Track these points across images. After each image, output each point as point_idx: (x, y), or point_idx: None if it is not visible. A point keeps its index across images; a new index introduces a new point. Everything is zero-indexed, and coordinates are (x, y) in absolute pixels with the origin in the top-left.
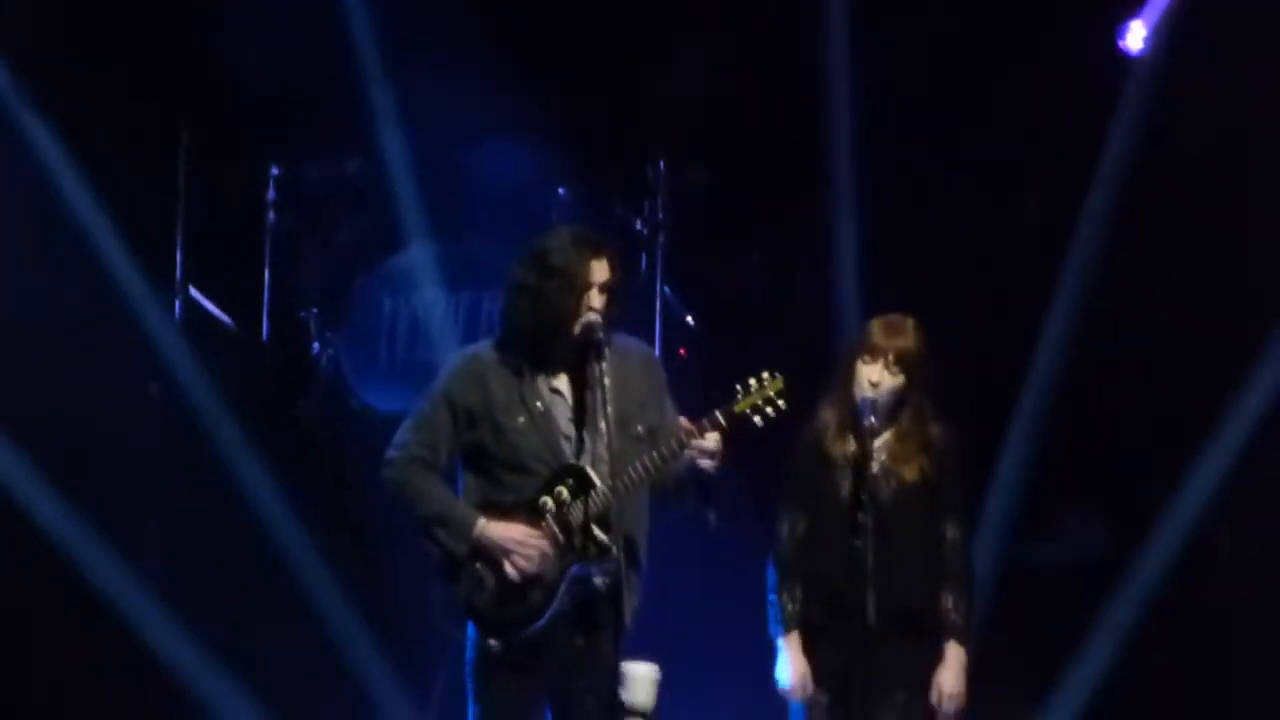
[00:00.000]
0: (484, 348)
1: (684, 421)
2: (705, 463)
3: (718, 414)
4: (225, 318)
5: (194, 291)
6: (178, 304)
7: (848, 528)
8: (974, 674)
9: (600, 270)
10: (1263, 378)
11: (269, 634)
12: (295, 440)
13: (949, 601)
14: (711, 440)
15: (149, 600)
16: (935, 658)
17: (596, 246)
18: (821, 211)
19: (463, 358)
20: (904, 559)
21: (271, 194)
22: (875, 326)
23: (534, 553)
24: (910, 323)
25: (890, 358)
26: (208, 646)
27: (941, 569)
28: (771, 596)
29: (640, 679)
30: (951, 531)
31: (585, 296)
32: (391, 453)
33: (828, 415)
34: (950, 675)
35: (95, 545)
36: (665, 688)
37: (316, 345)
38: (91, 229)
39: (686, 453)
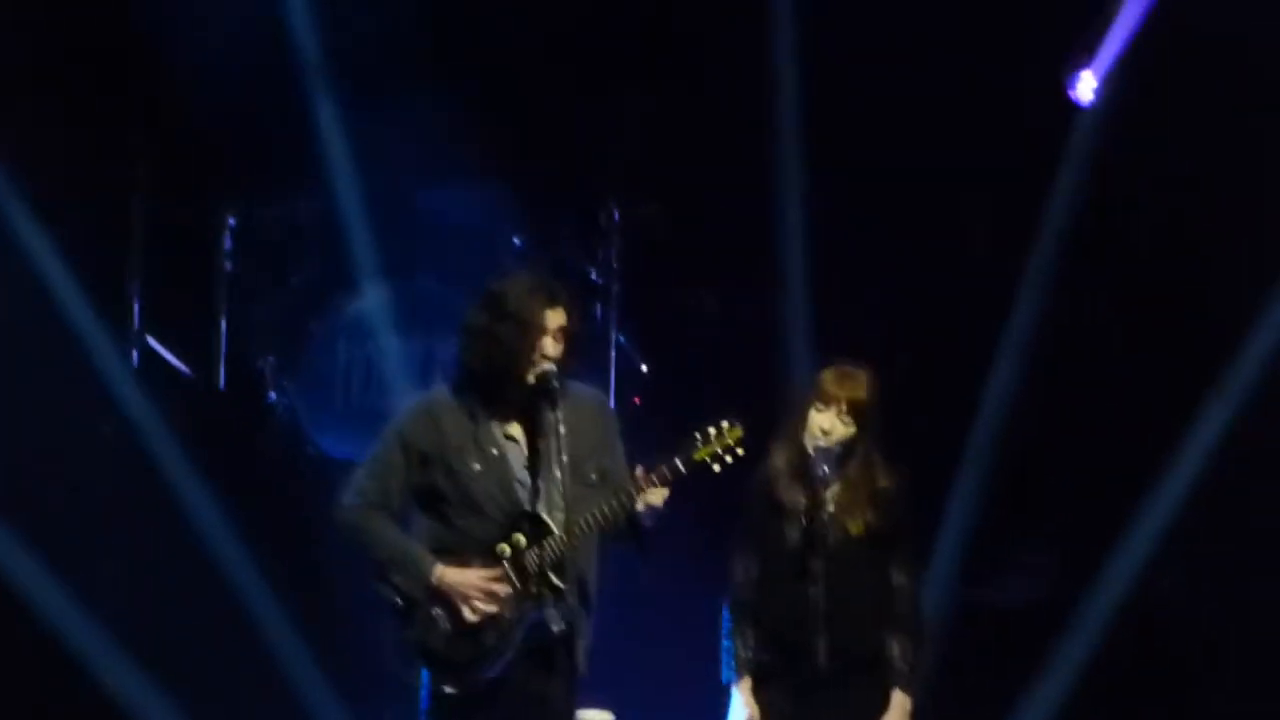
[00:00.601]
0: (439, 391)
1: (639, 472)
2: (646, 517)
3: (677, 461)
4: (182, 366)
5: (150, 340)
6: (134, 352)
7: (798, 573)
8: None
9: (556, 317)
10: (1210, 419)
11: (224, 676)
12: (252, 485)
13: (894, 648)
14: (658, 495)
15: (103, 641)
16: (881, 704)
17: (553, 293)
18: (773, 254)
19: (418, 401)
20: (853, 605)
21: (228, 242)
22: (829, 376)
23: (491, 597)
24: (864, 374)
25: (843, 407)
26: (162, 688)
27: (889, 615)
28: (725, 642)
29: None
30: (899, 578)
31: (540, 343)
32: (345, 496)
33: (779, 462)
34: None
35: (50, 586)
36: None
37: (273, 393)
38: (48, 276)
39: (637, 505)
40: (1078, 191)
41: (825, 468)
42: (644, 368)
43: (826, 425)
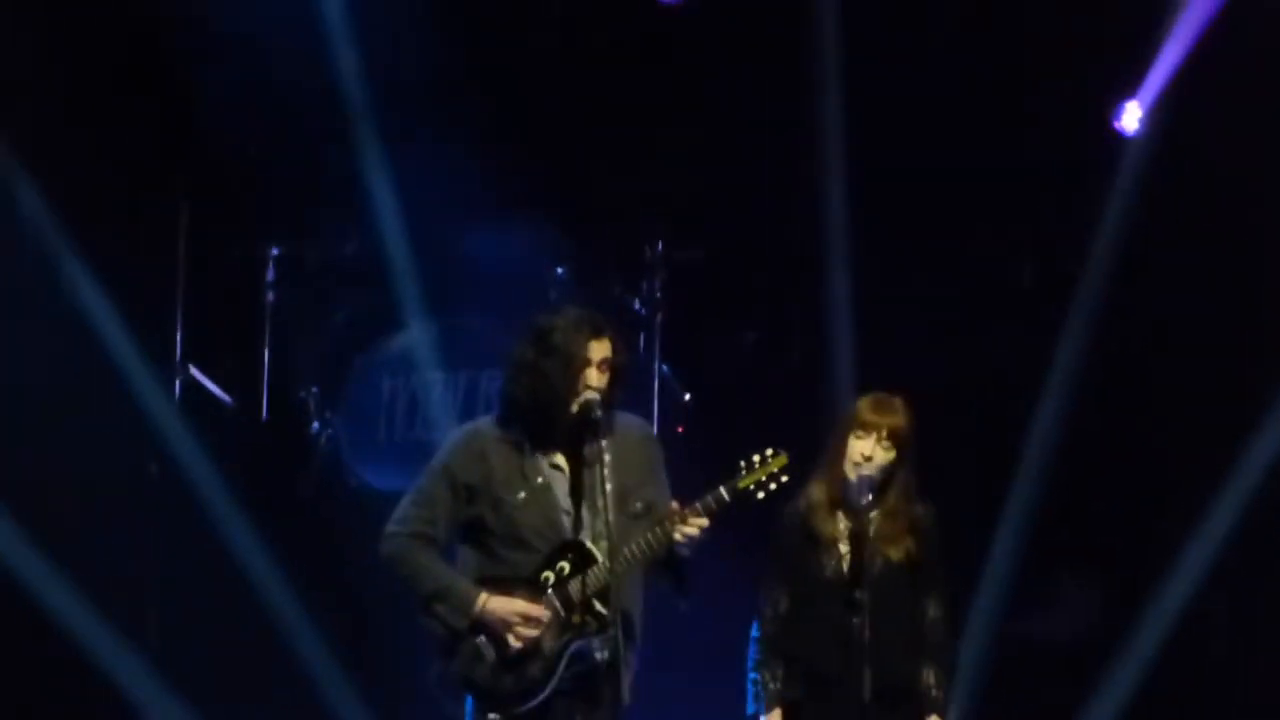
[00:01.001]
0: (484, 423)
1: (674, 505)
2: (683, 548)
3: (722, 490)
4: (225, 396)
5: (194, 370)
6: (177, 383)
7: (839, 605)
8: None
9: (600, 349)
10: (1258, 451)
11: (268, 711)
12: (294, 518)
13: (930, 677)
14: (696, 526)
15: (148, 677)
16: None
17: (597, 327)
18: (816, 289)
19: (463, 433)
20: (894, 635)
21: (271, 274)
22: (866, 404)
23: (535, 627)
24: (899, 401)
25: (883, 433)
26: None
27: (923, 646)
28: (753, 674)
29: None
30: (934, 609)
31: (584, 375)
32: (392, 527)
33: (816, 493)
34: None
35: (95, 623)
36: None
37: (316, 424)
38: (91, 308)
39: (675, 536)
40: (1124, 222)
41: (868, 496)
42: (687, 398)
43: (868, 451)
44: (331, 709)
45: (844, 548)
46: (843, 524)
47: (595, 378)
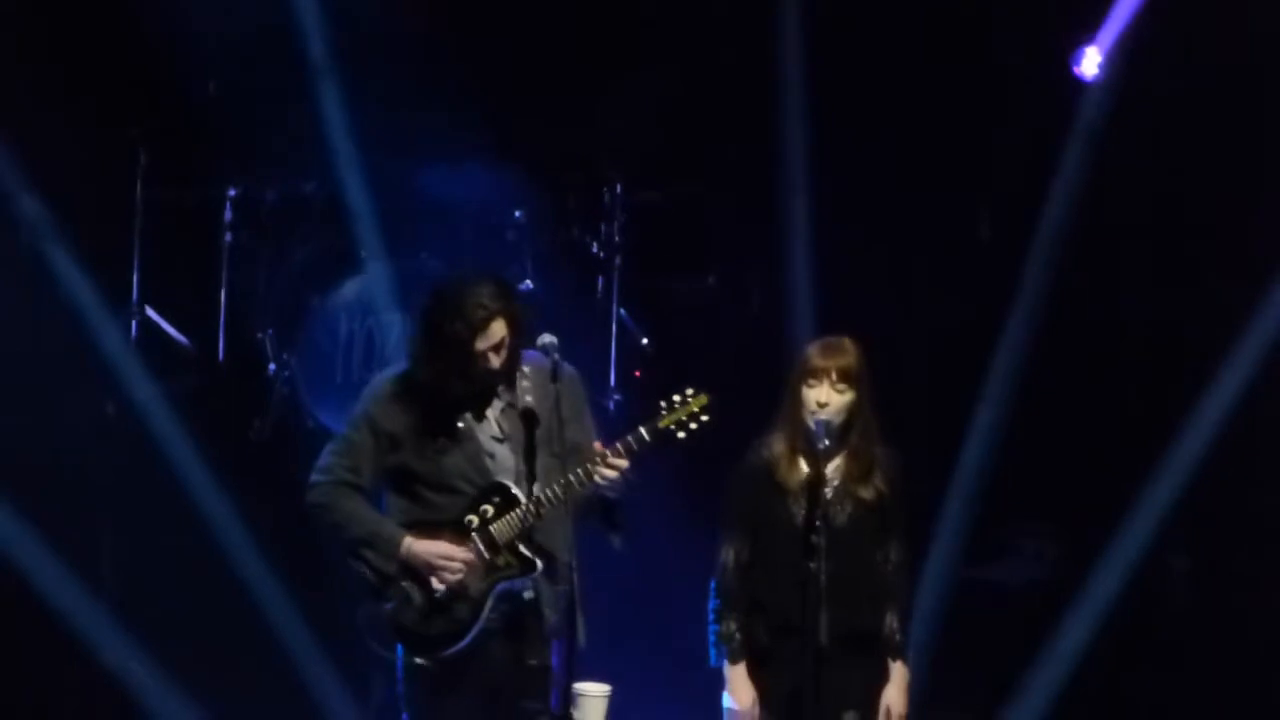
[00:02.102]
0: (406, 370)
1: (596, 445)
2: (608, 489)
3: (642, 430)
4: (181, 337)
5: (150, 311)
6: (134, 324)
7: (802, 551)
8: (924, 696)
9: (491, 336)
10: (1215, 396)
11: (222, 650)
12: (251, 459)
13: (894, 622)
14: (613, 468)
15: (103, 617)
16: (881, 678)
17: (485, 317)
18: (776, 233)
19: (384, 381)
20: (854, 580)
21: (228, 215)
22: (814, 349)
23: (459, 566)
24: (846, 341)
25: (834, 377)
26: (161, 663)
27: (886, 590)
28: (714, 625)
29: (592, 698)
30: (896, 553)
31: (483, 362)
32: (316, 476)
33: (779, 445)
34: (897, 694)
35: (50, 562)
36: (617, 707)
37: (273, 365)
38: (47, 248)
39: (595, 478)
40: (1082, 169)
41: (827, 441)
42: (645, 342)
43: (822, 398)
44: (290, 652)
45: (806, 494)
46: (805, 472)
47: (494, 360)
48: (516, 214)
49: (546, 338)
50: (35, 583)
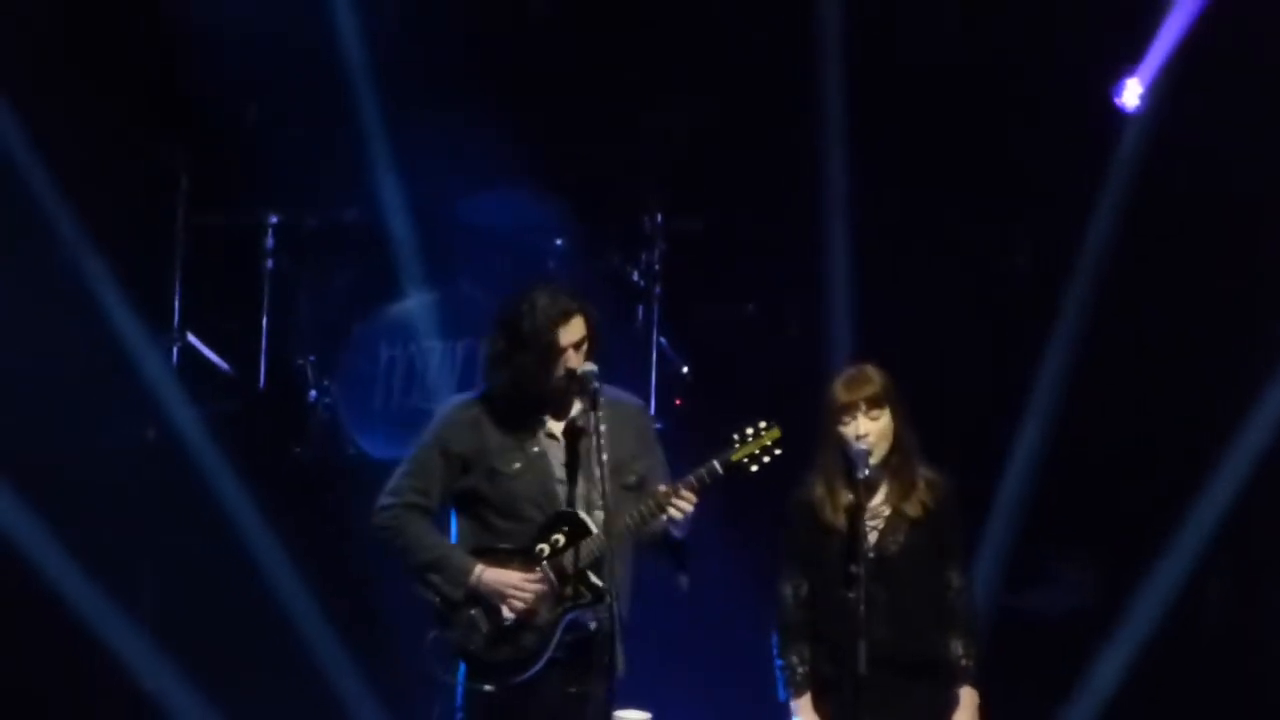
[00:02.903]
0: (476, 394)
1: (662, 487)
2: (675, 528)
3: (715, 463)
4: (222, 363)
5: (192, 337)
6: (175, 350)
7: (843, 580)
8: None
9: (571, 333)
10: (1255, 427)
11: (264, 678)
12: (291, 486)
13: (959, 647)
14: (684, 504)
15: (145, 644)
16: (949, 705)
17: (565, 311)
18: (815, 261)
19: (456, 404)
20: (914, 606)
21: (270, 241)
22: (838, 386)
23: (530, 597)
24: (869, 368)
25: (864, 407)
26: (203, 690)
27: (949, 616)
28: (779, 660)
29: None
30: (957, 578)
31: (560, 361)
32: (385, 499)
33: (818, 488)
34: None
35: (91, 589)
36: None
37: (314, 392)
38: (90, 274)
39: (663, 514)
40: (1124, 198)
41: (866, 470)
42: (685, 370)
43: (861, 430)
44: (329, 677)
45: (846, 522)
46: (847, 502)
47: (574, 358)
48: (557, 241)
49: (586, 366)
50: (75, 607)
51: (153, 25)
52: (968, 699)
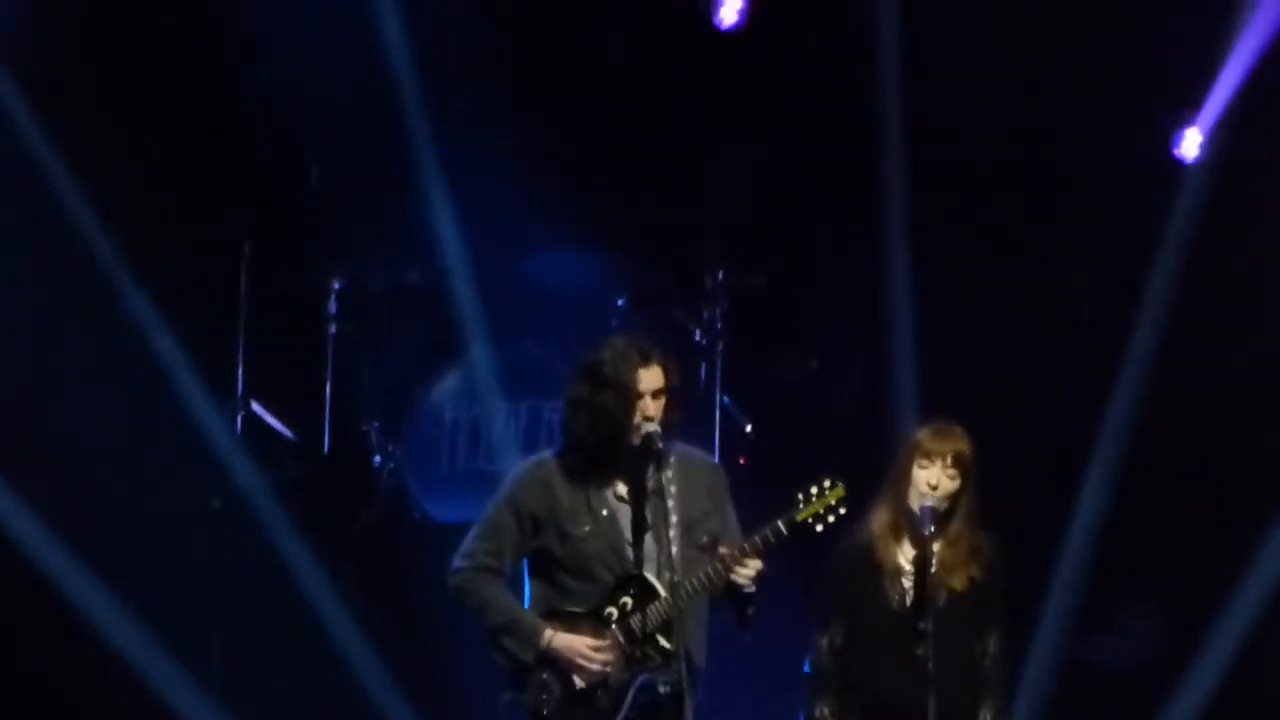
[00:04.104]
0: (549, 455)
1: (723, 550)
2: (744, 585)
3: (779, 523)
4: (286, 430)
5: (255, 405)
6: (239, 417)
7: (905, 635)
8: None
9: (650, 378)
10: None
11: None
12: (358, 551)
13: (988, 715)
14: (750, 569)
15: (214, 713)
16: None
17: (646, 356)
18: (878, 317)
19: (528, 466)
20: (957, 667)
21: (333, 306)
22: (927, 432)
23: (601, 661)
24: (959, 428)
25: (947, 459)
26: None
27: (983, 681)
28: (811, 710)
29: None
30: (995, 645)
31: (639, 405)
32: (459, 561)
33: (879, 522)
34: None
35: (160, 658)
36: None
37: (378, 457)
38: (154, 341)
39: (733, 577)
40: (1185, 249)
41: (931, 526)
42: (748, 428)
43: (933, 480)
44: None
45: (908, 578)
46: (906, 553)
47: (651, 407)
48: (619, 301)
49: (650, 426)
50: (144, 675)
51: (216, 93)
52: None
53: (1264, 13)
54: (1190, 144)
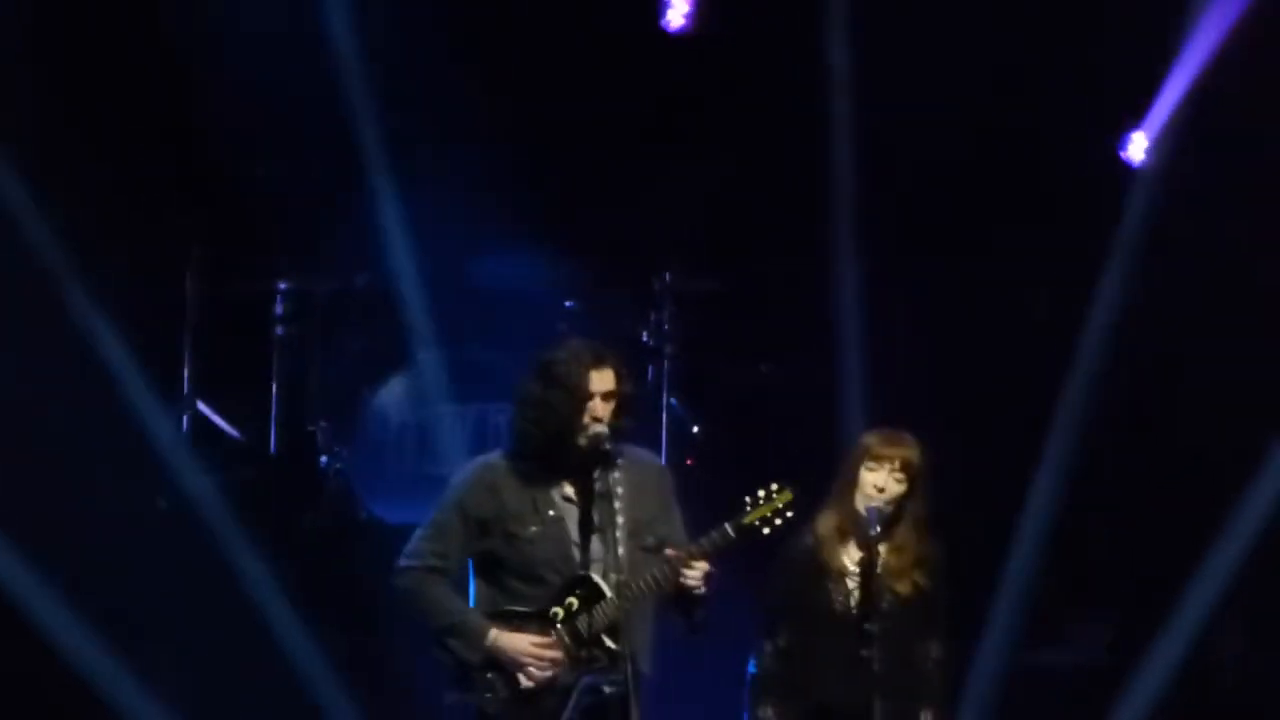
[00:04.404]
0: (496, 457)
1: (669, 552)
2: (694, 589)
3: (727, 526)
4: (233, 431)
5: (201, 405)
6: (186, 418)
7: (851, 637)
8: None
9: (602, 380)
10: (1270, 479)
11: None
12: (303, 552)
13: (929, 718)
14: (698, 570)
15: (158, 713)
16: None
17: (599, 358)
18: (827, 321)
19: (475, 467)
20: (901, 670)
21: (280, 308)
22: (877, 437)
23: (546, 662)
24: (909, 436)
25: (895, 465)
26: None
27: (924, 686)
28: (755, 711)
29: None
30: (936, 650)
31: (588, 406)
32: (404, 561)
33: (825, 525)
34: None
35: (103, 658)
36: None
37: (325, 458)
38: (100, 342)
39: (681, 580)
40: (1133, 253)
41: (878, 528)
42: (696, 430)
43: (881, 483)
44: None
45: (853, 580)
46: (853, 556)
47: (600, 408)
48: (567, 304)
49: (598, 427)
50: (87, 676)
51: (166, 94)
52: None
53: (1211, 18)
54: (1137, 147)
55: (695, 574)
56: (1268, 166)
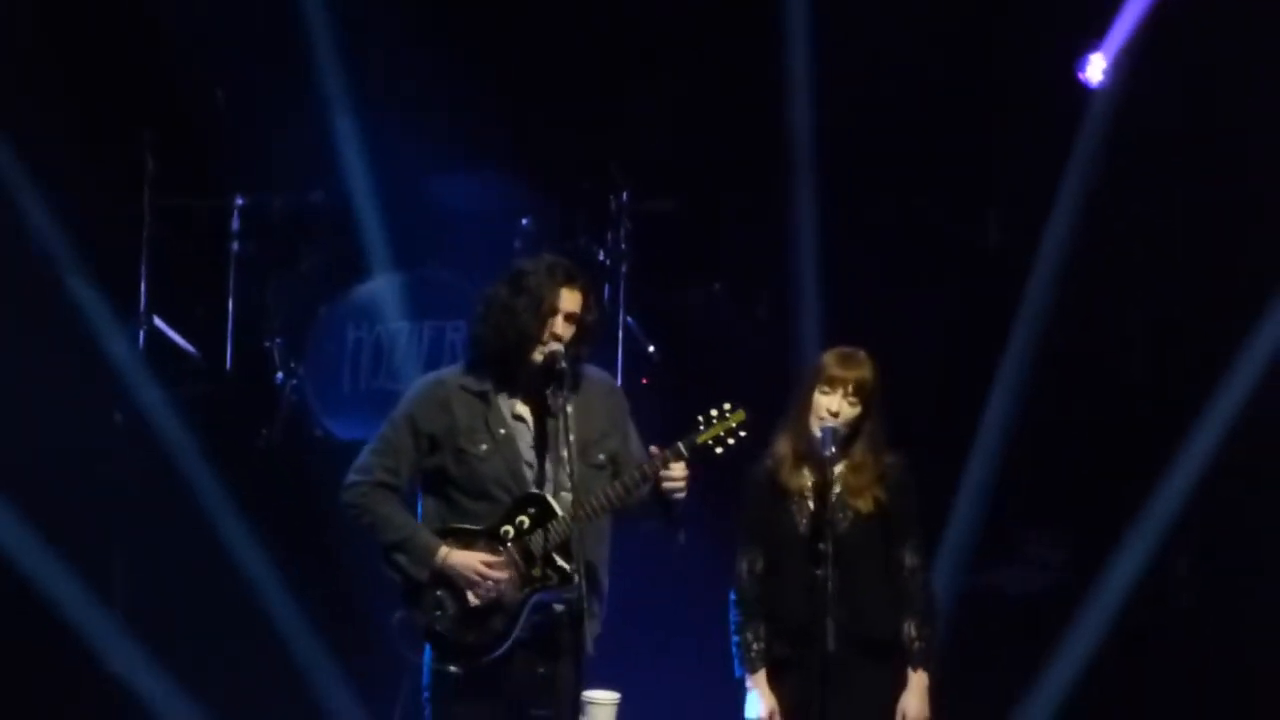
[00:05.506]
0: (448, 373)
1: (653, 449)
2: (675, 492)
3: (680, 445)
4: (189, 347)
5: (158, 321)
6: (141, 333)
7: (808, 558)
8: (937, 701)
9: (570, 299)
10: (1221, 401)
11: (233, 659)
12: (259, 467)
13: (911, 629)
14: (678, 470)
15: (112, 624)
16: (898, 684)
17: (571, 276)
18: (783, 241)
19: (426, 383)
20: (863, 587)
21: (236, 224)
22: (831, 358)
23: (496, 580)
24: (863, 354)
25: (849, 388)
26: (172, 673)
27: (902, 597)
28: (735, 638)
29: (601, 706)
30: (910, 559)
31: (551, 321)
32: (353, 476)
33: (783, 448)
34: (914, 701)
35: (60, 572)
36: (626, 715)
37: (280, 374)
38: (55, 258)
39: (661, 483)
40: (1090, 176)
41: (832, 448)
42: (651, 350)
43: (834, 406)
44: (297, 658)
45: (812, 501)
46: (809, 478)
47: (561, 327)
48: (523, 222)
49: (553, 345)
50: (43, 590)
51: (119, 10)
52: (916, 681)
53: None
54: (1095, 69)
55: (675, 475)
56: (1224, 88)
